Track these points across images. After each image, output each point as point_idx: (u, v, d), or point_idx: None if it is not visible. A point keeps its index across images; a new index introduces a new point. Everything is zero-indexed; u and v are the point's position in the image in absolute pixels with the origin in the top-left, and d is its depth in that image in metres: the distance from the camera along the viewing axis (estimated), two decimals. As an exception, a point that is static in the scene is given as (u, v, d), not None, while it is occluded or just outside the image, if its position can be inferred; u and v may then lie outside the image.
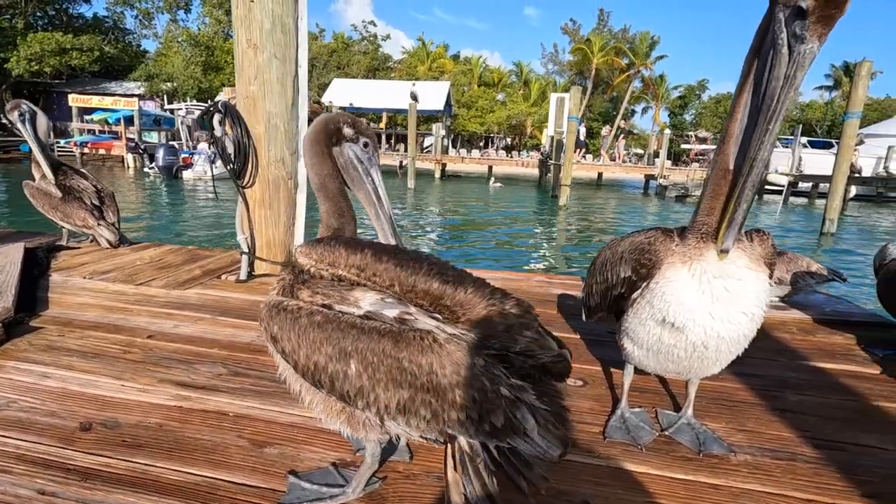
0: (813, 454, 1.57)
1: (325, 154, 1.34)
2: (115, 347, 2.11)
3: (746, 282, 1.35)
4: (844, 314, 2.86)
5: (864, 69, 11.51)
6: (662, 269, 1.41)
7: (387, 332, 1.08)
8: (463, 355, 1.07)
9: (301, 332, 1.10)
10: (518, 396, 1.10)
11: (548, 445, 1.11)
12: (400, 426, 1.12)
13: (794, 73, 1.12)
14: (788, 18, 1.10)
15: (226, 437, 1.53)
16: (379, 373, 1.06)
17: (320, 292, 1.20)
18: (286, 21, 2.98)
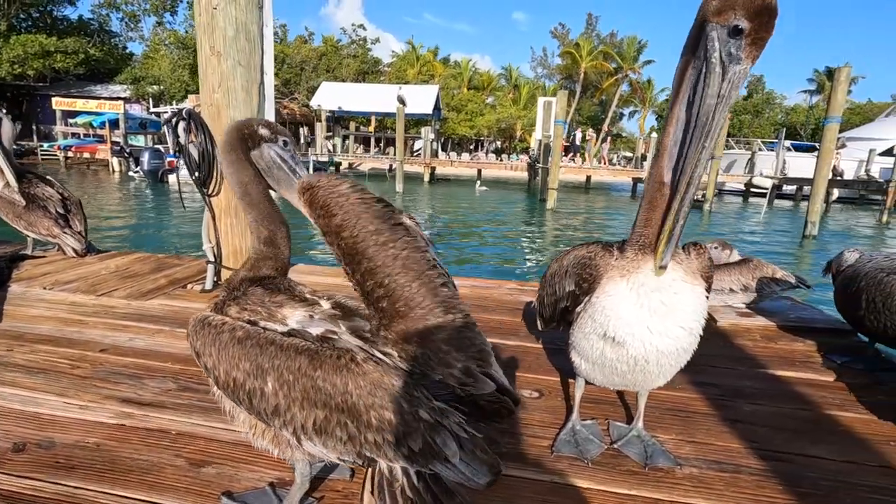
0: (758, 466, 1.57)
1: (242, 159, 1.31)
2: (64, 362, 2.06)
3: (683, 295, 1.35)
4: (808, 321, 2.88)
5: (843, 75, 11.72)
6: (602, 284, 1.41)
7: (304, 350, 1.06)
8: (380, 376, 1.05)
9: (221, 348, 1.09)
10: (439, 420, 1.07)
11: (473, 472, 1.08)
12: (317, 447, 1.09)
13: (728, 92, 1.13)
14: (723, 37, 1.10)
15: (163, 456, 1.49)
16: (294, 391, 1.04)
17: (248, 308, 1.19)
18: (250, 28, 2.95)
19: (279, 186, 1.34)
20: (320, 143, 26.68)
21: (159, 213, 13.63)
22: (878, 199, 19.18)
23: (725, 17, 1.06)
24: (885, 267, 2.09)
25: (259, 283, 1.30)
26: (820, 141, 12.73)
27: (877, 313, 2.08)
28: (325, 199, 1.13)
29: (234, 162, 1.31)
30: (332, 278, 3.57)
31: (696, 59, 1.19)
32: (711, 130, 1.16)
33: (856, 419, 1.87)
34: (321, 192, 1.14)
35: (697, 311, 1.37)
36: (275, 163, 1.32)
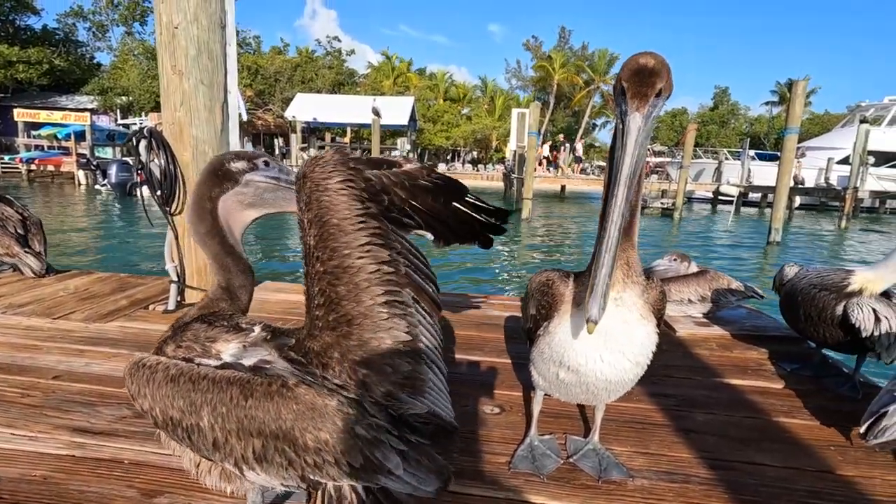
0: (707, 475, 1.63)
1: (205, 211, 1.30)
2: (14, 391, 2.00)
3: (635, 328, 1.39)
4: (761, 329, 3.00)
5: (800, 88, 12.28)
6: (560, 313, 1.46)
7: (235, 381, 1.07)
8: (312, 398, 1.06)
9: (156, 388, 1.09)
10: (376, 436, 1.07)
11: (420, 481, 1.09)
12: (260, 475, 1.09)
13: (626, 140, 1.21)
14: (618, 100, 1.25)
15: (115, 487, 1.46)
16: (229, 423, 1.04)
17: (184, 345, 1.19)
18: (213, 47, 2.95)
19: (281, 207, 1.34)
20: (295, 154, 26.48)
21: (127, 229, 13.27)
22: (837, 205, 20.05)
23: (617, 87, 1.23)
24: (816, 283, 2.22)
25: (200, 318, 1.30)
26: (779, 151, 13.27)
27: (815, 325, 2.20)
28: (310, 191, 1.15)
29: (197, 213, 1.30)
30: (298, 295, 3.55)
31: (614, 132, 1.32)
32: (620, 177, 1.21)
33: (800, 425, 1.96)
34: (309, 185, 1.15)
35: (647, 347, 1.42)
36: (266, 187, 1.31)
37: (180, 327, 1.26)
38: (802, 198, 23.02)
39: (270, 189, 1.32)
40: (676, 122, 47.68)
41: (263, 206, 1.37)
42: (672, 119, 48.85)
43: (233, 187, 1.31)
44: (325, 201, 1.14)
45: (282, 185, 1.33)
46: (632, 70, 1.19)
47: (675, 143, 41.95)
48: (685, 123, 44.29)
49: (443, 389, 1.25)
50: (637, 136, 1.22)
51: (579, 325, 1.41)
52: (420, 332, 1.22)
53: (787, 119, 12.72)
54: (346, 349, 1.13)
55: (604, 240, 1.23)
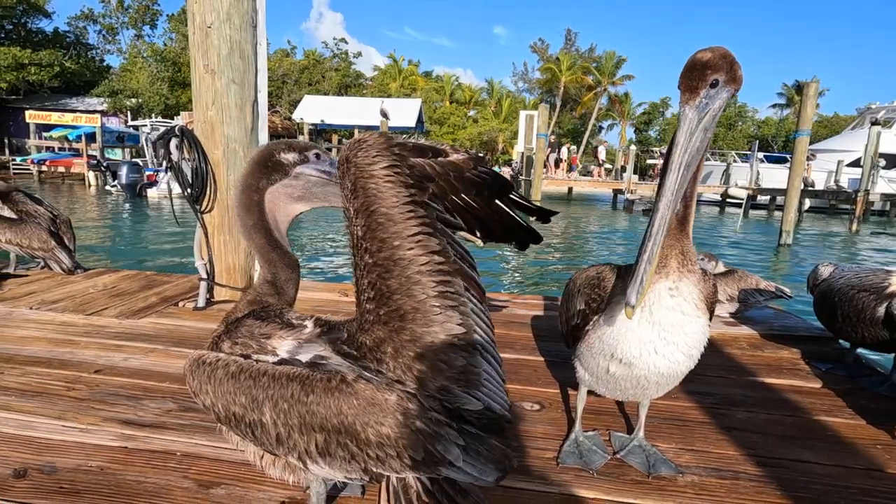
0: (756, 472, 1.62)
1: (250, 203, 1.28)
2: (59, 384, 2.02)
3: (690, 320, 1.39)
4: (791, 329, 2.98)
5: (812, 89, 12.21)
6: (612, 305, 1.46)
7: (295, 377, 1.07)
8: (372, 393, 1.06)
9: (217, 385, 1.09)
10: (437, 430, 1.07)
11: (480, 472, 1.09)
12: (323, 469, 1.10)
13: (677, 132, 1.25)
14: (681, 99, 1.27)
15: (171, 478, 1.48)
16: (291, 419, 1.05)
17: (240, 342, 1.20)
18: (244, 47, 2.97)
19: (330, 201, 1.30)
20: (303, 156, 26.55)
21: (138, 229, 13.36)
22: (847, 208, 19.92)
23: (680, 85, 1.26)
24: (855, 284, 2.22)
25: (251, 314, 1.30)
26: (791, 152, 13.20)
27: (853, 325, 2.20)
28: (355, 179, 1.11)
29: (244, 204, 1.29)
30: (326, 293, 3.57)
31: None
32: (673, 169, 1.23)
33: (843, 424, 1.95)
34: (353, 171, 1.11)
35: (700, 339, 1.42)
36: (316, 181, 1.29)
37: (233, 323, 1.26)
38: (812, 200, 22.86)
39: (321, 183, 1.30)
40: (683, 125, 47.49)
41: (312, 200, 1.34)
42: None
43: (281, 179, 1.28)
44: (371, 189, 1.10)
45: (333, 180, 1.30)
46: (686, 66, 1.22)
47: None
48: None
49: (498, 380, 1.21)
50: (687, 126, 1.23)
51: (634, 319, 1.41)
52: (473, 322, 1.18)
53: (798, 121, 12.64)
54: (399, 344, 1.11)
55: (650, 227, 1.24)
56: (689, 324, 1.40)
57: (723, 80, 1.21)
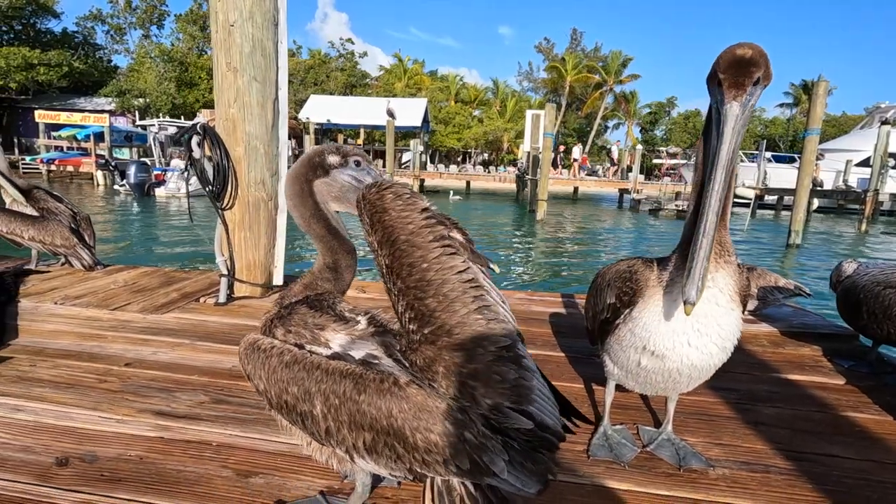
0: (786, 466, 1.63)
1: (304, 193, 1.32)
2: (91, 377, 2.05)
3: (725, 312, 1.40)
4: (811, 326, 2.98)
5: (822, 88, 12.13)
6: (645, 298, 1.47)
7: (349, 374, 1.08)
8: (423, 399, 1.06)
9: (271, 372, 1.12)
10: (484, 442, 1.06)
11: (522, 483, 1.08)
12: (369, 464, 1.12)
13: (724, 129, 1.24)
14: (714, 94, 1.29)
15: (209, 467, 1.50)
16: (342, 415, 1.07)
17: (293, 331, 1.21)
18: (266, 45, 3.00)
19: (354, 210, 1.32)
20: (309, 155, 26.62)
21: (147, 228, 13.45)
22: (856, 208, 19.78)
23: (712, 79, 1.27)
24: (881, 281, 2.22)
25: (305, 300, 1.32)
26: (798, 152, 13.13)
27: (879, 322, 2.20)
28: (371, 214, 1.15)
29: (296, 194, 1.32)
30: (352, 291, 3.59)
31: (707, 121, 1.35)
32: (717, 164, 1.25)
33: (871, 420, 1.95)
34: (367, 208, 1.15)
35: (734, 331, 1.43)
36: (349, 187, 1.33)
37: (287, 308, 1.28)
38: (821, 200, 22.72)
39: (353, 189, 1.33)
40: (690, 124, 47.31)
41: (344, 204, 1.36)
42: (685, 121, 48.49)
43: (323, 177, 1.33)
44: (387, 220, 1.13)
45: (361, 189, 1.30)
46: (729, 61, 1.22)
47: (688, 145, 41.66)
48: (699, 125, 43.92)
49: (548, 396, 1.15)
50: (734, 124, 1.24)
51: (668, 310, 1.42)
52: (514, 334, 1.14)
53: (807, 120, 12.56)
54: (449, 362, 1.08)
55: (702, 223, 1.25)
56: (723, 315, 1.41)
57: (762, 76, 1.22)
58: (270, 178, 3.18)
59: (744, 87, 1.22)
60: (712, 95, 1.30)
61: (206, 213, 13.65)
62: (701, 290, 1.23)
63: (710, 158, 1.28)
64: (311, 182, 1.33)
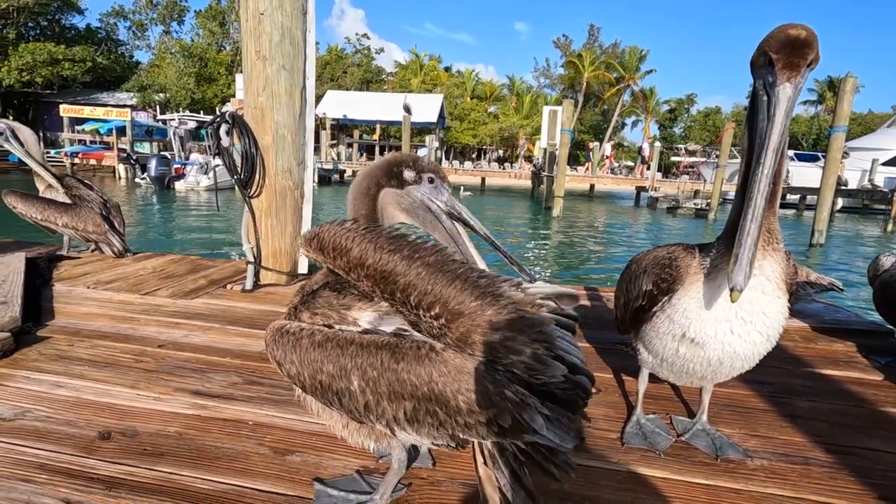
0: (826, 458, 1.60)
1: (367, 193, 1.31)
2: (127, 357, 2.10)
3: (771, 300, 1.37)
4: (844, 322, 2.91)
5: (849, 85, 11.82)
6: (686, 285, 1.44)
7: (384, 345, 1.08)
8: (462, 361, 1.07)
9: (303, 354, 1.11)
10: (523, 399, 1.08)
11: (561, 439, 1.10)
12: (411, 435, 1.12)
13: (775, 111, 1.21)
14: (762, 73, 1.25)
15: (246, 445, 1.52)
16: (381, 386, 1.07)
17: (320, 313, 1.20)
18: (295, 33, 3.02)
19: (424, 225, 1.35)
20: (325, 150, 26.82)
21: (167, 219, 13.69)
22: (882, 208, 19.28)
23: (760, 59, 1.24)
24: None
25: (326, 285, 1.32)
26: (821, 150, 12.83)
27: (920, 314, 2.13)
28: (335, 239, 1.15)
29: (363, 193, 1.32)
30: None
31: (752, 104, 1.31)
32: (766, 148, 1.22)
33: (911, 415, 1.90)
34: (327, 235, 1.16)
35: (780, 320, 1.40)
36: (421, 205, 1.33)
37: (309, 294, 1.28)
38: (845, 200, 22.19)
39: (422, 207, 1.34)
40: (710, 122, 46.52)
41: (411, 218, 1.37)
42: (705, 118, 47.70)
43: (395, 187, 1.33)
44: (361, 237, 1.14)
45: (430, 210, 1.34)
46: (782, 41, 1.18)
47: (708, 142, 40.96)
48: (719, 123, 43.22)
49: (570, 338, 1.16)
50: (787, 105, 1.21)
51: (711, 297, 1.40)
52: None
53: (833, 117, 12.27)
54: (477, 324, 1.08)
55: (750, 208, 1.22)
56: (769, 304, 1.38)
57: (815, 58, 1.19)
58: (297, 166, 3.20)
59: (798, 68, 1.19)
60: (760, 77, 1.26)
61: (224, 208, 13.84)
62: (749, 276, 1.21)
63: (759, 141, 1.24)
64: (381, 187, 1.33)
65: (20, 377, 1.88)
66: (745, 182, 1.34)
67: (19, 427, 1.56)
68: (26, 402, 1.70)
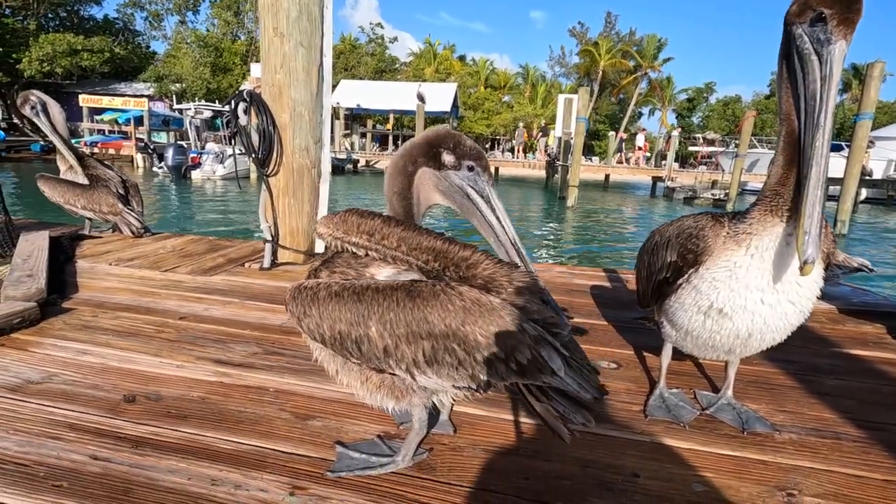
0: (858, 434, 1.55)
1: (404, 171, 1.28)
2: (149, 327, 2.12)
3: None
4: (873, 305, 2.83)
5: (877, 70, 11.45)
6: (714, 255, 1.40)
7: (399, 287, 1.09)
8: (478, 294, 1.08)
9: (321, 305, 1.12)
10: (541, 335, 1.09)
11: (580, 387, 1.11)
12: (432, 378, 1.12)
13: (831, 69, 1.15)
14: (808, 31, 1.17)
15: (268, 410, 1.53)
16: (398, 328, 1.07)
17: (338, 271, 1.21)
18: (312, 9, 3.00)
19: (461, 211, 1.33)
20: (338, 140, 26.86)
21: (184, 207, 13.86)
22: (908, 199, 18.71)
23: (805, 14, 1.16)
24: None
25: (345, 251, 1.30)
26: (844, 140, 12.48)
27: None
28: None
29: (396, 167, 1.30)
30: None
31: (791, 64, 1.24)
32: (820, 112, 1.16)
33: (946, 394, 1.84)
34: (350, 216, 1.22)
35: (814, 290, 1.35)
36: (459, 189, 1.30)
37: (326, 259, 1.27)
38: (869, 191, 21.59)
39: (459, 193, 1.31)
40: (729, 111, 45.49)
41: (448, 200, 1.34)
42: (724, 107, 46.66)
43: (433, 168, 1.29)
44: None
45: (467, 197, 1.31)
46: None
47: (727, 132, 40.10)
48: (738, 112, 42.22)
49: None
50: (841, 65, 1.15)
51: (745, 265, 1.35)
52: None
53: (859, 103, 11.90)
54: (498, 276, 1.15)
55: (812, 174, 1.14)
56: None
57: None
58: (314, 145, 3.19)
59: (853, 24, 1.12)
60: (806, 34, 1.18)
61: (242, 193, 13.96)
62: (819, 247, 1.16)
63: (812, 104, 1.16)
64: (419, 165, 1.29)
65: (47, 344, 1.92)
66: (788, 147, 1.28)
67: (47, 389, 1.59)
68: (53, 367, 1.73)
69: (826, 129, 1.14)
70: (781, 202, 1.29)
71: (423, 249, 1.15)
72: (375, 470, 1.26)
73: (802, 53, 1.19)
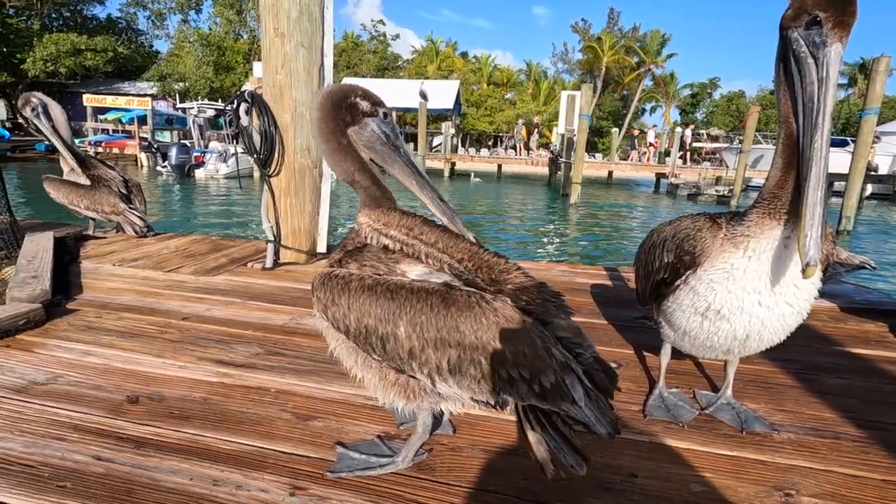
0: (857, 434, 1.55)
1: (342, 147, 1.24)
2: (152, 328, 2.14)
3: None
4: (875, 303, 2.82)
5: (882, 65, 11.36)
6: (711, 256, 1.40)
7: (434, 292, 1.08)
8: (512, 312, 1.07)
9: (351, 296, 1.11)
10: (567, 362, 1.08)
11: (596, 419, 1.09)
12: (452, 387, 1.11)
13: (828, 72, 1.15)
14: (803, 34, 1.17)
15: (269, 410, 1.55)
16: (428, 332, 1.06)
17: (368, 264, 1.20)
18: (313, 10, 3.00)
19: (384, 163, 1.28)
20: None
21: (188, 206, 13.92)
22: (914, 195, 18.56)
23: (800, 18, 1.17)
24: None
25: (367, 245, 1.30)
26: (850, 136, 12.39)
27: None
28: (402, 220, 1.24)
29: (334, 150, 1.25)
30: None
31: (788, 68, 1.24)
32: (818, 114, 1.16)
33: (948, 393, 1.83)
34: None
35: (812, 292, 1.35)
36: (378, 138, 1.25)
37: (353, 251, 1.26)
38: (875, 186, 21.41)
39: (381, 142, 1.26)
40: (733, 107, 45.24)
41: (371, 153, 1.28)
42: (728, 103, 46.40)
43: (354, 124, 1.24)
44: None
45: (388, 144, 1.26)
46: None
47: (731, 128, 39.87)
48: (742, 108, 41.96)
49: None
50: (837, 67, 1.15)
51: (742, 267, 1.35)
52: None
53: (865, 98, 11.80)
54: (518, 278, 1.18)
55: (812, 172, 1.14)
56: (800, 275, 1.33)
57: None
58: (315, 145, 3.20)
59: (848, 27, 1.13)
60: (802, 38, 1.18)
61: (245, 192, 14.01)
62: (821, 248, 1.16)
63: (811, 106, 1.16)
64: (346, 126, 1.23)
65: (51, 345, 1.94)
66: (787, 150, 1.28)
67: (51, 390, 1.61)
68: (58, 368, 1.75)
69: (824, 131, 1.14)
70: (780, 205, 1.29)
71: (458, 249, 1.17)
72: (375, 470, 1.27)
73: (799, 57, 1.20)
